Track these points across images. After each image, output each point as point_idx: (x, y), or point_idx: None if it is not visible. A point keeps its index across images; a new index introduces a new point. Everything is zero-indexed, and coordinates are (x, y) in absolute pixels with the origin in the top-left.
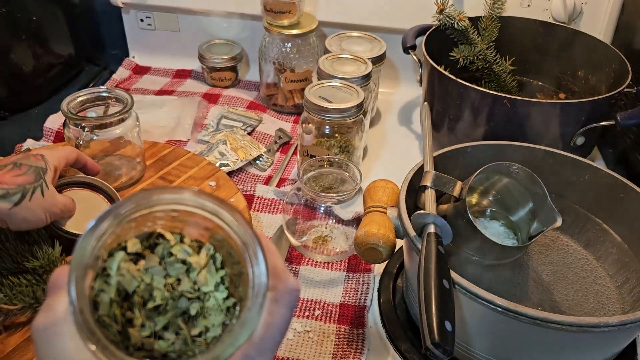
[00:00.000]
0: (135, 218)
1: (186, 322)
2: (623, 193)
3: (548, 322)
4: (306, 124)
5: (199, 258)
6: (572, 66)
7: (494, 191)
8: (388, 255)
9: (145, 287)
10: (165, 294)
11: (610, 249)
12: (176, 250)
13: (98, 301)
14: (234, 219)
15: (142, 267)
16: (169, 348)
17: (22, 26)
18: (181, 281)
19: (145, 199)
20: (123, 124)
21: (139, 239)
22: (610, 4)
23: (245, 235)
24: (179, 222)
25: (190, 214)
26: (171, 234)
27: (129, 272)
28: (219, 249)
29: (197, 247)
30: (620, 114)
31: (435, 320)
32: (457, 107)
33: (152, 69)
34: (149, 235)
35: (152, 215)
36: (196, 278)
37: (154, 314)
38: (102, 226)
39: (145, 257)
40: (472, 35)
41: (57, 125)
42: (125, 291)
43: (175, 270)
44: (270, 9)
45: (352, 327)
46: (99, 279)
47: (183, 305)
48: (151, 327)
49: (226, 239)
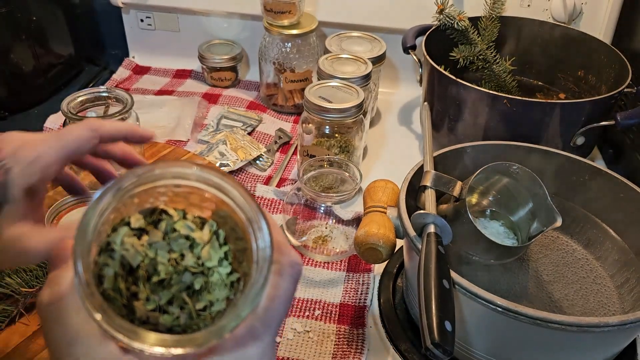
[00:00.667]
0: (137, 193)
1: (190, 296)
2: (623, 193)
3: (548, 322)
4: (306, 124)
5: (202, 234)
6: (572, 66)
7: (494, 191)
8: (388, 255)
9: (150, 261)
10: (169, 268)
11: (610, 248)
12: (179, 226)
13: (103, 275)
14: (239, 194)
15: (146, 242)
16: (174, 322)
17: (22, 26)
18: (185, 256)
19: (148, 172)
20: None
21: (142, 214)
22: (610, 4)
23: (250, 209)
24: (182, 198)
25: (193, 189)
26: (174, 210)
27: (133, 246)
28: (222, 225)
29: (200, 223)
30: (620, 114)
31: (435, 320)
32: (457, 107)
33: (152, 69)
34: (152, 212)
35: (155, 191)
36: (200, 253)
37: (158, 288)
38: (105, 200)
39: (148, 232)
40: (472, 36)
41: (57, 125)
42: (129, 265)
43: (179, 245)
44: (271, 9)
45: (352, 327)
46: (103, 253)
47: (187, 280)
48: (156, 301)
49: (230, 215)
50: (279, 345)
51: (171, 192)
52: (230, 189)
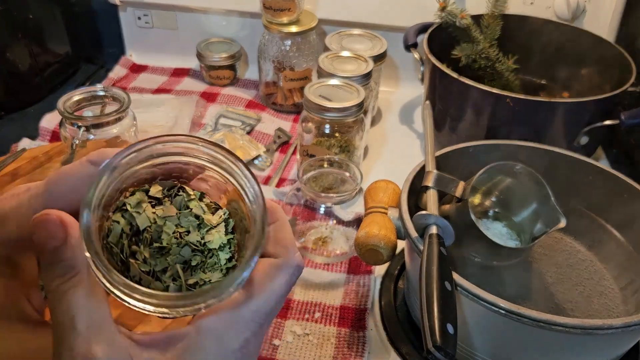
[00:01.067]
0: (156, 164)
1: (185, 270)
2: (627, 193)
3: (551, 324)
4: (306, 123)
5: (212, 217)
6: (576, 65)
7: (496, 191)
8: (389, 257)
9: (156, 228)
10: (172, 239)
11: (615, 250)
12: (193, 205)
13: (111, 229)
14: (250, 183)
15: (158, 211)
16: (163, 291)
17: (18, 24)
18: (190, 233)
19: (171, 143)
20: (120, 123)
21: (162, 186)
22: (613, 2)
23: (253, 193)
24: (204, 182)
25: (218, 179)
26: (193, 190)
27: (145, 211)
28: (233, 215)
29: (214, 208)
30: (624, 113)
31: (437, 323)
32: (459, 106)
33: (150, 68)
34: (172, 187)
35: (178, 167)
36: (204, 234)
37: (157, 254)
38: (125, 158)
39: (163, 204)
40: (474, 33)
41: (53, 125)
42: (137, 228)
43: (188, 222)
44: (270, 7)
45: (353, 330)
46: (117, 212)
47: (185, 254)
48: (151, 265)
49: (240, 207)
50: (279, 348)
51: (194, 173)
52: (240, 176)
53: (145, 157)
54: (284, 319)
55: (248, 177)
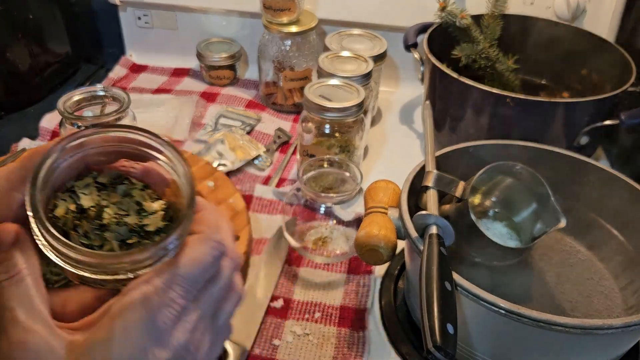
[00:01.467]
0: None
1: (121, 248)
2: (627, 193)
3: (551, 324)
4: (306, 123)
5: (152, 205)
6: (576, 65)
7: (496, 191)
8: (389, 257)
9: (99, 208)
10: (112, 219)
11: (615, 250)
12: (136, 193)
13: (57, 205)
14: (182, 168)
15: (103, 195)
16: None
17: (18, 25)
18: (130, 215)
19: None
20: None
21: (110, 175)
22: (613, 2)
23: (183, 172)
24: (148, 177)
25: (166, 174)
26: (137, 181)
27: (91, 193)
28: (172, 206)
29: (155, 198)
30: (624, 113)
31: (437, 323)
32: (459, 106)
33: (150, 68)
34: (118, 176)
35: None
36: (143, 219)
37: (97, 230)
38: (64, 146)
39: (108, 190)
40: (474, 33)
41: (53, 125)
42: (82, 207)
43: (128, 206)
44: (270, 7)
45: (353, 330)
46: (66, 192)
47: (123, 232)
48: (91, 239)
49: (180, 201)
50: (279, 348)
51: (139, 159)
52: (173, 158)
53: (86, 143)
54: (284, 319)
55: (178, 159)
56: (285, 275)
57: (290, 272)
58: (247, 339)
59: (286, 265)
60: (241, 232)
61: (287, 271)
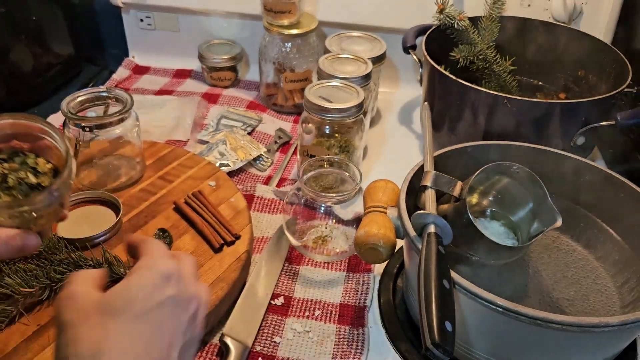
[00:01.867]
0: None
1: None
2: (623, 193)
3: (548, 322)
4: (306, 124)
5: (44, 167)
6: (573, 66)
7: (494, 191)
8: (388, 256)
9: (4, 175)
10: (16, 181)
11: (611, 248)
12: (30, 161)
13: None
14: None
15: (6, 165)
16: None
17: (21, 26)
18: (28, 177)
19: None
20: (123, 124)
21: (9, 151)
22: (610, 4)
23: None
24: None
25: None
26: (34, 154)
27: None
28: (57, 167)
29: (45, 163)
30: (620, 114)
31: (435, 321)
32: (457, 107)
33: (152, 69)
34: (16, 152)
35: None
36: (39, 178)
37: (5, 191)
38: None
39: (9, 162)
40: (472, 35)
41: (57, 125)
42: None
43: (26, 170)
44: (270, 9)
45: (352, 328)
46: None
47: (24, 189)
48: (1, 197)
49: (60, 162)
50: (279, 345)
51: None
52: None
53: None
54: (284, 316)
55: (59, 135)
56: (285, 273)
57: (291, 271)
58: (249, 336)
59: (287, 263)
60: (242, 231)
61: (288, 269)
